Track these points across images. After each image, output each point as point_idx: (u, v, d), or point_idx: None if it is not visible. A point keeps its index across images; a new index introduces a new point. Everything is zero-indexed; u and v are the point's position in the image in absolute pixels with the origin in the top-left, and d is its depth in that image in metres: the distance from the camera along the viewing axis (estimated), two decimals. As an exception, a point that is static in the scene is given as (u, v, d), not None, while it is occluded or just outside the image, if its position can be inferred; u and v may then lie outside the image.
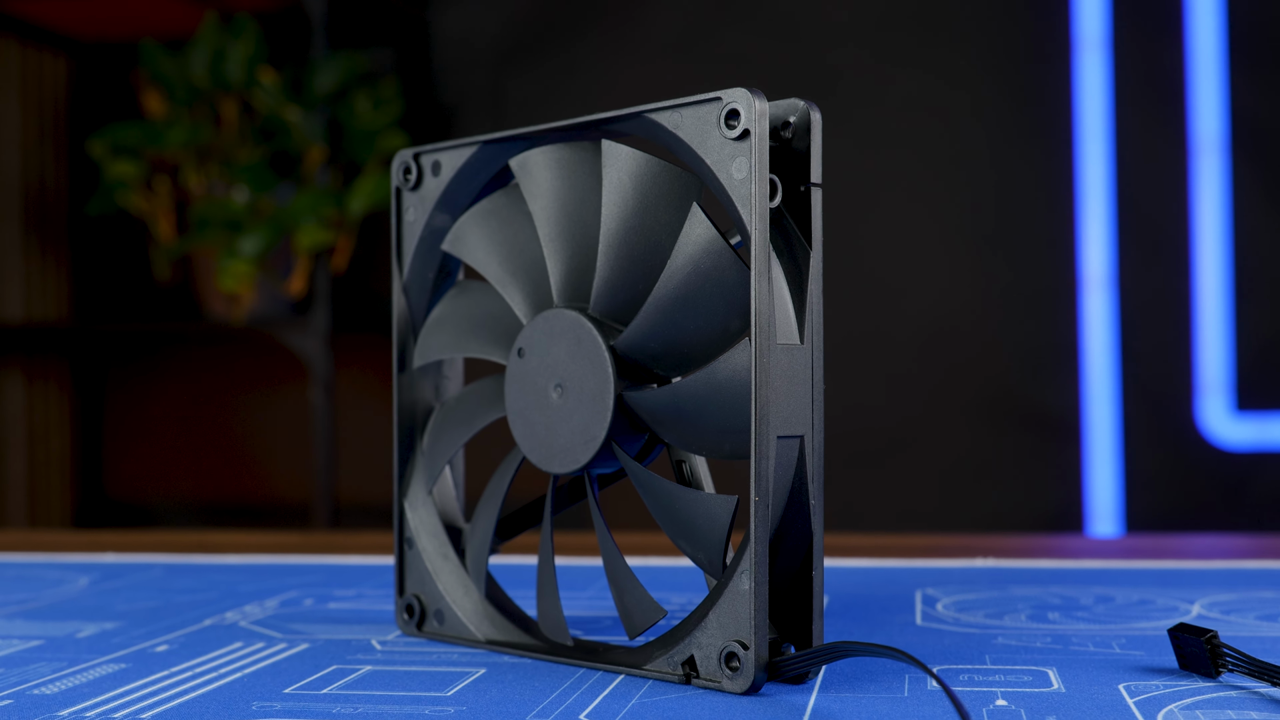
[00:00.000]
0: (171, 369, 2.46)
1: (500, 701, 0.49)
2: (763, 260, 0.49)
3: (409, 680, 0.53)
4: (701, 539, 0.52)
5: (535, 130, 0.57)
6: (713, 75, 2.20)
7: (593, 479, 0.56)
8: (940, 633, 0.61)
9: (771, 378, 0.49)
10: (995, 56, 2.18)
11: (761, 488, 0.49)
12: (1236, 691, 0.49)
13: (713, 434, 0.51)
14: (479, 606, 0.60)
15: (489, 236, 0.59)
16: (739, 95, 0.49)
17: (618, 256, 0.53)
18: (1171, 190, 2.14)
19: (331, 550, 0.95)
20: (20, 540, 1.04)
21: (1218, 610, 0.66)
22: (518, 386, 0.56)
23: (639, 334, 0.52)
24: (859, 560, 0.84)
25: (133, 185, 2.12)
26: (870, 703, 0.48)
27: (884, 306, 2.21)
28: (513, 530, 0.61)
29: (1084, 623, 0.63)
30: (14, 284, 2.30)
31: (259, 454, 2.42)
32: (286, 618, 0.67)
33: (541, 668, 0.55)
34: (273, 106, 2.04)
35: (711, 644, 0.50)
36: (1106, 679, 0.51)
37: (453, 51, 2.34)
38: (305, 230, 2.01)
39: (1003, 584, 0.74)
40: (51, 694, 0.51)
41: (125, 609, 0.70)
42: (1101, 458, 2.15)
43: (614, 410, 0.53)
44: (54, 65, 2.39)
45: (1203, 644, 0.51)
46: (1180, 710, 0.46)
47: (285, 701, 0.50)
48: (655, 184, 0.53)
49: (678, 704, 0.48)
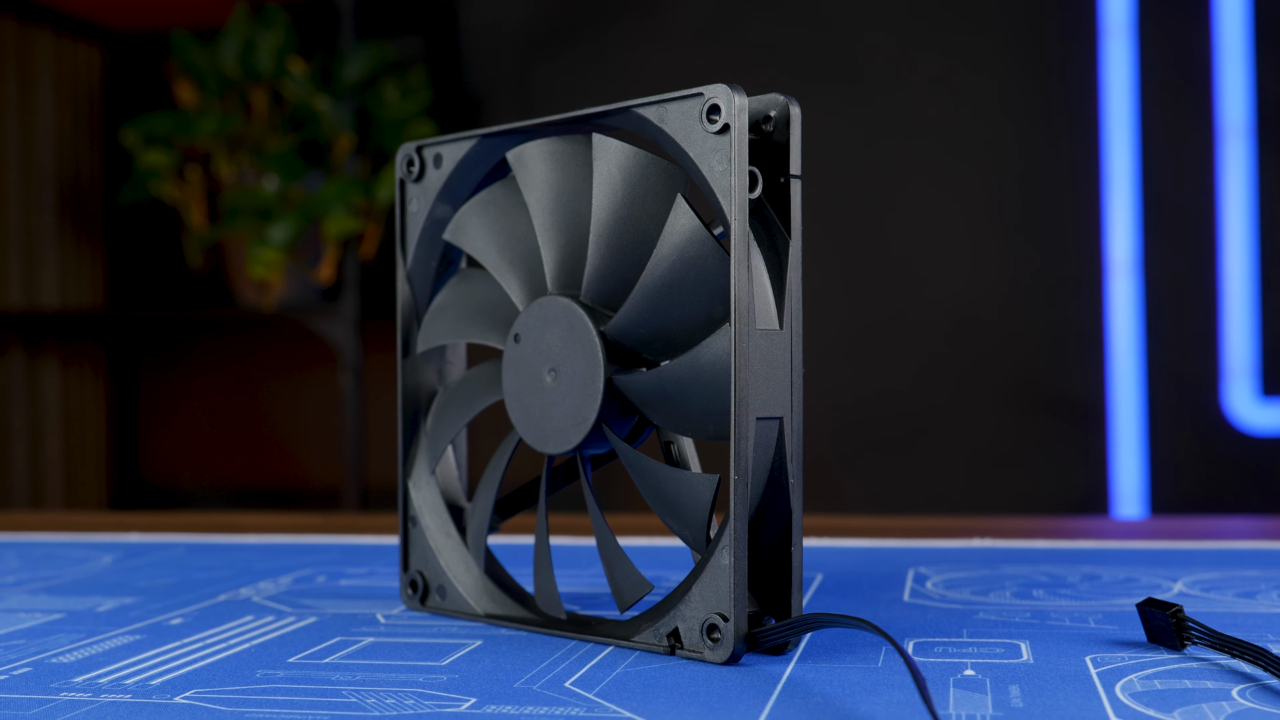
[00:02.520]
0: (204, 355, 2.50)
1: (492, 670, 0.52)
2: (742, 249, 0.51)
3: (408, 651, 0.55)
4: (686, 516, 0.54)
5: (531, 124, 0.59)
6: (739, 62, 2.22)
7: (585, 460, 0.58)
8: (924, 608, 0.63)
9: (751, 362, 0.52)
10: (1021, 42, 2.19)
11: (741, 467, 0.51)
12: (1198, 663, 0.51)
13: (696, 416, 0.53)
14: (479, 582, 0.62)
15: (488, 226, 0.61)
16: (719, 91, 0.52)
17: (607, 245, 0.55)
18: (1197, 175, 2.14)
19: (350, 531, 0.97)
20: (49, 521, 1.07)
21: (1199, 588, 0.67)
22: (514, 371, 0.59)
23: (627, 320, 0.55)
24: (859, 541, 0.86)
25: (165, 174, 2.15)
26: (843, 672, 0.50)
27: (910, 292, 2.22)
28: (512, 509, 0.64)
29: (1066, 599, 0.65)
30: (50, 271, 2.34)
31: (290, 438, 2.46)
32: (298, 593, 0.70)
33: (536, 640, 0.57)
34: (302, 96, 2.07)
35: (694, 616, 0.53)
36: (1075, 651, 0.53)
37: (480, 40, 2.36)
38: (334, 218, 2.04)
39: (995, 563, 0.76)
40: (68, 662, 0.54)
41: (145, 585, 0.73)
42: (1127, 443, 2.17)
43: (604, 393, 0.55)
44: (88, 55, 2.43)
45: (1168, 618, 0.53)
46: (1139, 680, 0.48)
47: (288, 669, 0.52)
48: (643, 176, 0.55)
49: (660, 673, 0.51)
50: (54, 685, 0.50)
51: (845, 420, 2.25)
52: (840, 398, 2.25)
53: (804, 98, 2.11)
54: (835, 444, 2.25)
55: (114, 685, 0.50)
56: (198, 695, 0.48)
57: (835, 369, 2.25)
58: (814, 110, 2.21)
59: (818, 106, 2.21)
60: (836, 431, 2.25)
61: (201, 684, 0.50)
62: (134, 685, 0.50)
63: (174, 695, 0.49)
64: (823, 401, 2.24)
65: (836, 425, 2.25)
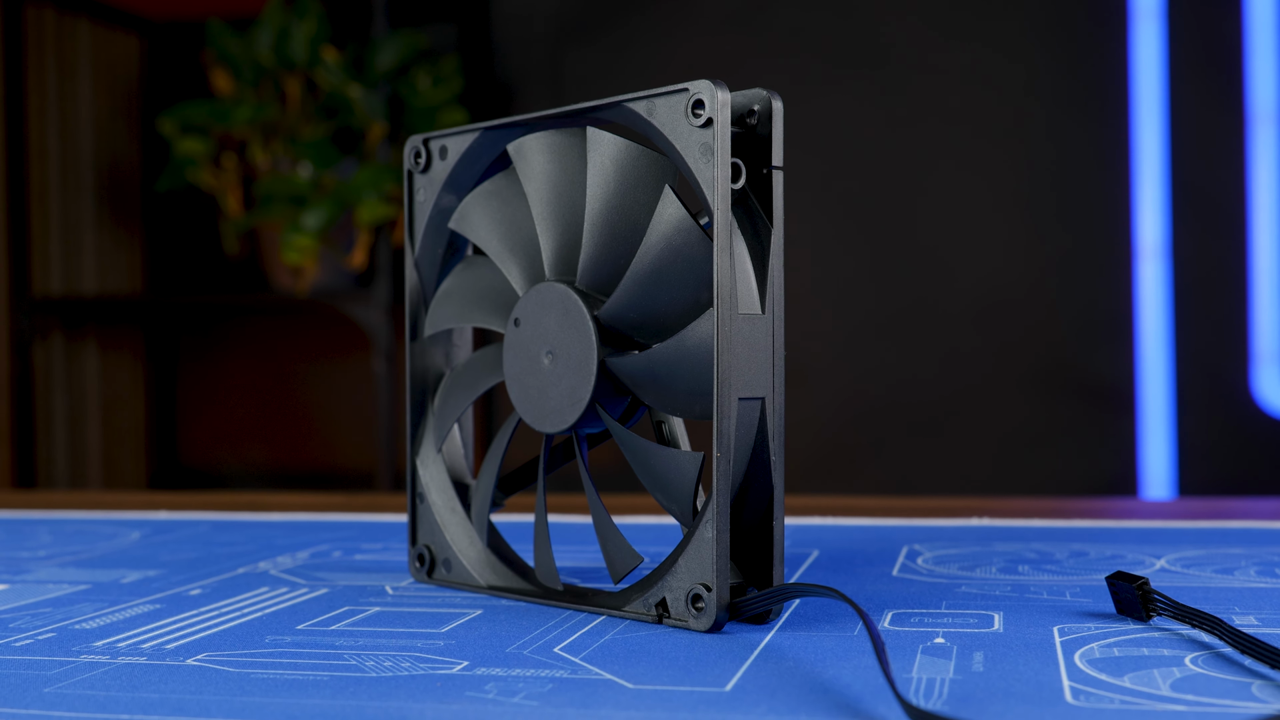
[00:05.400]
0: (240, 340, 2.55)
1: (488, 637, 0.55)
2: (724, 237, 0.53)
3: (411, 619, 0.58)
4: (673, 492, 0.57)
5: (530, 118, 0.62)
6: (768, 49, 2.24)
7: (581, 438, 0.61)
8: (910, 582, 0.65)
9: (733, 345, 0.54)
10: (1050, 27, 2.20)
11: (724, 445, 0.54)
12: (1160, 633, 0.53)
13: (684, 396, 0.56)
14: (482, 555, 0.65)
15: (490, 215, 0.64)
16: (703, 86, 0.54)
17: (601, 234, 0.58)
18: (1227, 160, 2.15)
19: (370, 509, 1.01)
20: (82, 500, 1.11)
21: (1181, 564, 0.70)
22: (514, 353, 0.62)
23: (619, 305, 0.57)
24: (862, 520, 0.89)
25: (201, 162, 2.19)
26: (819, 640, 0.53)
27: (939, 277, 2.24)
28: (515, 486, 0.66)
29: (1049, 574, 0.67)
30: (89, 258, 2.39)
31: (324, 422, 2.50)
32: (314, 567, 0.73)
33: (533, 610, 0.60)
34: (335, 84, 2.11)
35: (680, 586, 0.55)
36: (1045, 622, 0.56)
37: (512, 28, 2.39)
38: (367, 205, 2.08)
39: (988, 541, 0.78)
40: (90, 628, 0.57)
41: (169, 559, 0.76)
42: (1155, 427, 2.18)
43: (597, 375, 0.58)
44: (126, 44, 2.47)
45: (1134, 590, 0.55)
46: (1100, 648, 0.51)
47: (296, 636, 0.55)
48: (634, 167, 0.57)
49: (645, 640, 0.53)
50: (75, 649, 0.54)
51: (874, 404, 2.27)
52: (869, 382, 2.27)
53: (832, 84, 2.13)
54: (864, 428, 2.27)
55: (131, 649, 0.53)
56: (208, 658, 0.52)
57: (865, 353, 2.27)
58: (843, 96, 2.23)
59: (846, 93, 2.23)
60: (866, 415, 2.27)
61: (213, 648, 0.53)
62: (150, 649, 0.53)
63: (186, 658, 0.52)
64: (852, 386, 2.27)
65: (866, 409, 2.27)
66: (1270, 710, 0.42)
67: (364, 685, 0.47)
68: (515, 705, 0.44)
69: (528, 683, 0.47)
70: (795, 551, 0.75)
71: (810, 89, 2.21)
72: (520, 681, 0.47)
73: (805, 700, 0.44)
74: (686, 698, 0.45)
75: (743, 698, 0.45)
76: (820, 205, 2.25)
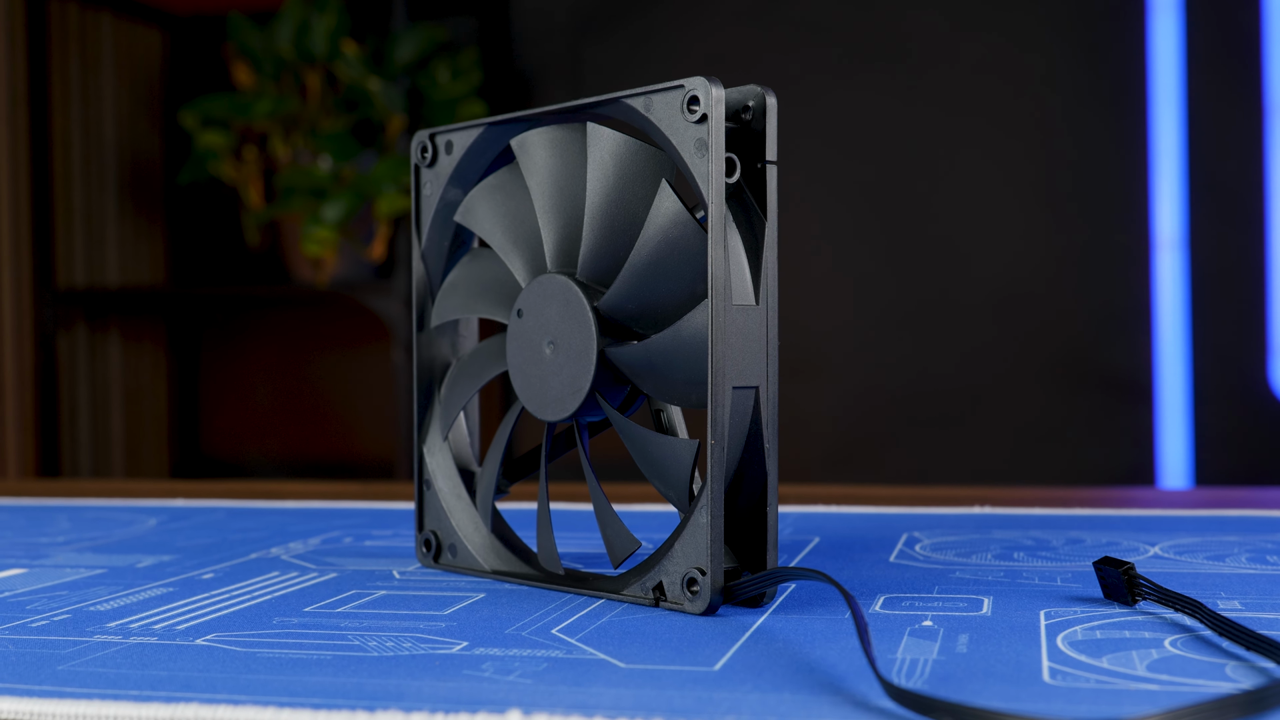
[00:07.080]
0: (261, 331, 2.57)
1: (488, 619, 0.56)
2: (719, 230, 0.55)
3: (415, 602, 0.60)
4: (670, 478, 0.58)
5: (533, 113, 0.64)
6: (786, 41, 2.25)
7: (582, 427, 0.63)
8: (905, 568, 0.67)
9: (728, 335, 0.55)
10: (1069, 18, 2.21)
11: (718, 432, 0.55)
12: (1144, 617, 0.54)
13: (680, 385, 0.58)
14: (487, 541, 0.67)
15: (494, 209, 0.65)
16: (698, 83, 0.55)
17: (600, 227, 0.59)
18: (1244, 152, 2.15)
19: (385, 498, 1.02)
20: (101, 488, 1.13)
21: (1173, 551, 0.71)
22: (517, 344, 0.63)
23: (618, 296, 0.59)
24: (866, 508, 0.90)
25: (223, 155, 2.21)
26: (810, 623, 0.54)
27: (958, 269, 2.25)
28: (519, 473, 0.68)
29: (1043, 560, 0.68)
30: (112, 249, 2.41)
31: (344, 412, 2.52)
32: (324, 552, 0.74)
33: (535, 593, 0.62)
34: (355, 77, 2.12)
35: (676, 570, 0.57)
36: (1033, 606, 0.57)
37: (531, 21, 2.40)
38: (386, 197, 2.10)
39: (986, 528, 0.80)
40: (104, 610, 0.59)
41: (184, 544, 0.78)
42: (1173, 418, 2.18)
43: (597, 364, 0.59)
44: (148, 38, 2.50)
45: (1120, 574, 0.56)
46: (1083, 630, 0.52)
47: (302, 618, 0.57)
48: (633, 162, 0.59)
49: (642, 622, 0.55)
50: (89, 629, 0.55)
51: (893, 396, 2.28)
52: (888, 374, 2.28)
53: (850, 76, 2.14)
54: (883, 419, 2.28)
55: (143, 629, 0.55)
56: (217, 638, 0.53)
57: (884, 345, 2.28)
58: (860, 89, 2.24)
59: (864, 85, 2.24)
60: (884, 406, 2.28)
61: (222, 629, 0.55)
62: (161, 630, 0.55)
63: (195, 638, 0.53)
64: (871, 377, 2.28)
65: (884, 400, 2.28)
66: (1237, 689, 0.43)
67: (365, 664, 0.49)
68: (510, 683, 0.46)
69: (524, 662, 0.48)
70: (797, 538, 0.77)
71: (828, 81, 2.22)
72: (516, 661, 0.49)
73: (790, 679, 0.45)
74: (675, 676, 0.46)
75: (730, 676, 0.46)
76: (839, 197, 2.26)
